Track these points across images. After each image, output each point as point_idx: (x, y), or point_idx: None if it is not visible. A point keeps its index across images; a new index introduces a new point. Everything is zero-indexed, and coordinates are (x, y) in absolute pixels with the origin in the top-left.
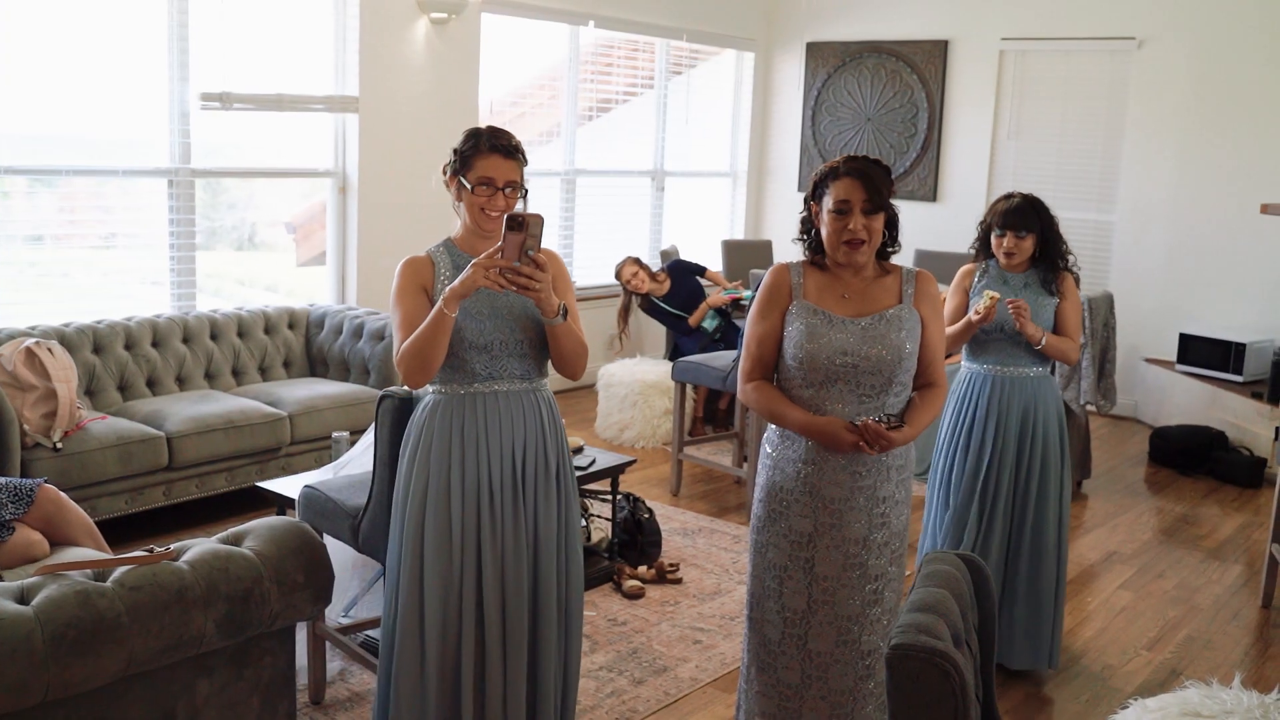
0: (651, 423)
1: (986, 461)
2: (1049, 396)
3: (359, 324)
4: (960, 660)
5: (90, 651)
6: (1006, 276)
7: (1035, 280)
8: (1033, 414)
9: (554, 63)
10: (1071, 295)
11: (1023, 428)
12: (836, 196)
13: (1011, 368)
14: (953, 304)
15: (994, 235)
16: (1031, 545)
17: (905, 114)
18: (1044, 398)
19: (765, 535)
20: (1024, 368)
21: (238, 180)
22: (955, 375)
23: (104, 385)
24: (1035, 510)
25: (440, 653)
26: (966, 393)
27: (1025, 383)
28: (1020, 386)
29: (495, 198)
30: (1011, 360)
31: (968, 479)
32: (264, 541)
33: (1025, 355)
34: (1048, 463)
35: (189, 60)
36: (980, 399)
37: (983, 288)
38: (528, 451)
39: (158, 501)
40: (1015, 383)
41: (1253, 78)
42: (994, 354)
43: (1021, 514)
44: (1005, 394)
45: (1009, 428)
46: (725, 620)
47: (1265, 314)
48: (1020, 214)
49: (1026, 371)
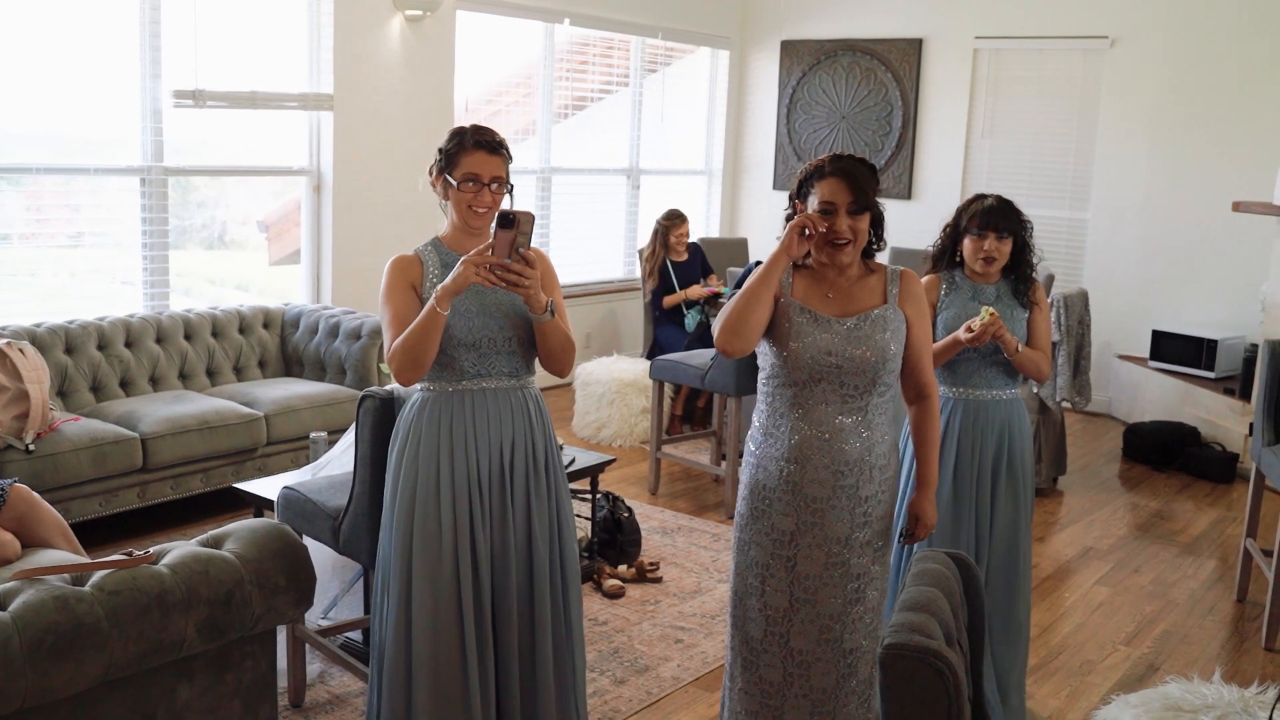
0: (629, 421)
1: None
2: (1022, 420)
3: (335, 323)
4: (954, 659)
5: (69, 657)
6: (976, 288)
7: (1007, 290)
8: (1007, 440)
9: (529, 60)
10: (1043, 305)
11: (997, 456)
12: (822, 197)
13: (984, 390)
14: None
15: (970, 238)
16: (1006, 585)
17: (880, 112)
18: (1018, 421)
19: (747, 533)
20: (997, 389)
21: (207, 179)
22: None
23: (76, 386)
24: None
25: (430, 653)
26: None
27: (998, 406)
28: (993, 410)
29: (481, 194)
30: (984, 382)
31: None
32: (245, 544)
33: (998, 375)
34: (1021, 495)
35: (161, 57)
36: (949, 426)
37: (953, 302)
38: (516, 449)
39: (132, 503)
40: (987, 407)
41: (1224, 76)
42: (963, 375)
43: (992, 552)
44: (977, 419)
45: (982, 457)
46: (706, 619)
47: (1236, 311)
48: (1002, 213)
49: (999, 394)
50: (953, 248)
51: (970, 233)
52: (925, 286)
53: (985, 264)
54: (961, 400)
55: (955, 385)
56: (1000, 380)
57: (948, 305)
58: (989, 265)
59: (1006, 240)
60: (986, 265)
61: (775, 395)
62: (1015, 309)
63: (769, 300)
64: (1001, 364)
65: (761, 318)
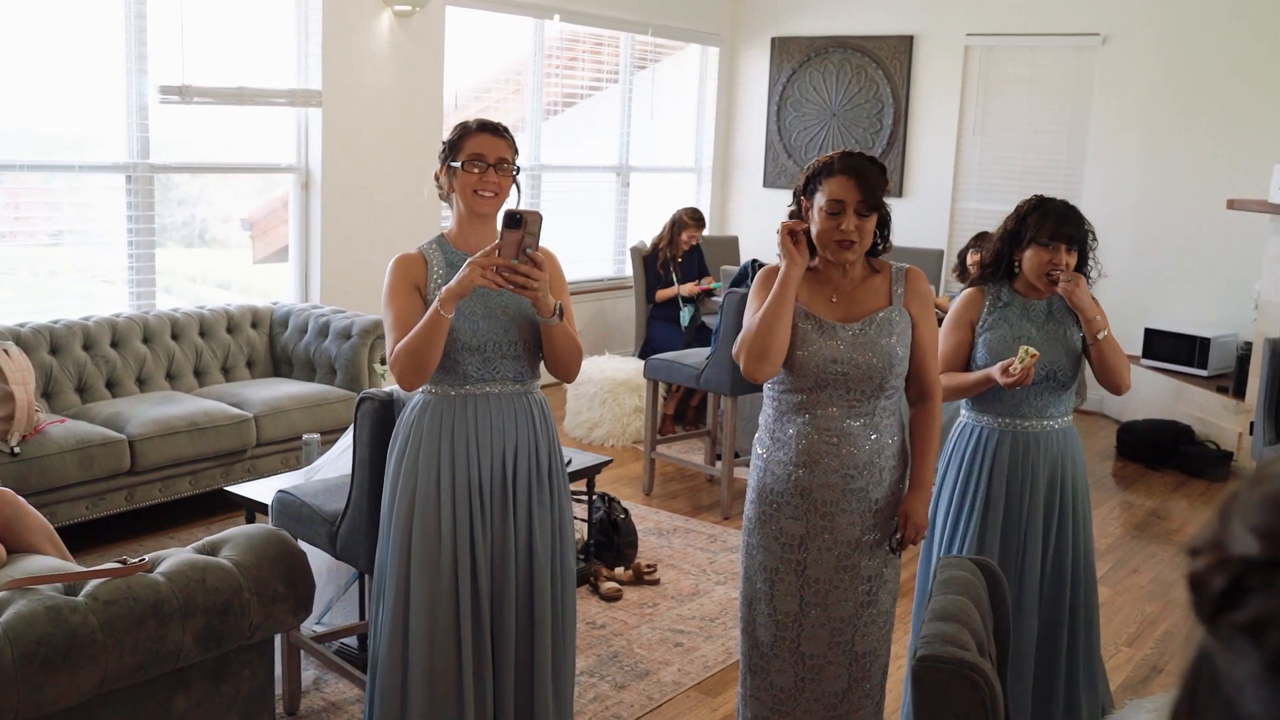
0: (621, 421)
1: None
2: (1077, 453)
3: (325, 322)
4: (990, 671)
5: (63, 669)
6: (1026, 305)
7: (1061, 306)
8: (1060, 477)
9: (518, 57)
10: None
11: (1050, 496)
12: (830, 195)
13: (1034, 420)
14: (952, 341)
15: (1035, 249)
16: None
17: (870, 109)
18: (1073, 453)
19: (756, 537)
20: (1049, 419)
21: (188, 176)
22: (951, 429)
23: (62, 387)
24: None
25: (427, 660)
26: (974, 455)
27: (1050, 438)
28: (1045, 443)
29: (487, 174)
30: (1033, 411)
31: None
32: (242, 551)
33: (1050, 401)
34: (1082, 545)
35: (147, 52)
36: (992, 462)
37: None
38: (519, 455)
39: (120, 506)
40: (1038, 439)
41: (1217, 73)
42: (1009, 403)
43: (1061, 612)
44: (1027, 454)
45: (1034, 498)
46: (706, 622)
47: (1229, 309)
48: (1074, 222)
49: (1051, 424)
50: (1010, 256)
51: (1037, 242)
52: (965, 303)
53: (1050, 283)
54: (1009, 432)
55: (1000, 415)
56: (1052, 407)
57: (994, 325)
58: (1053, 286)
59: (1073, 253)
60: (1051, 284)
61: (781, 399)
62: (1069, 327)
63: (789, 318)
64: (1054, 389)
65: (785, 338)
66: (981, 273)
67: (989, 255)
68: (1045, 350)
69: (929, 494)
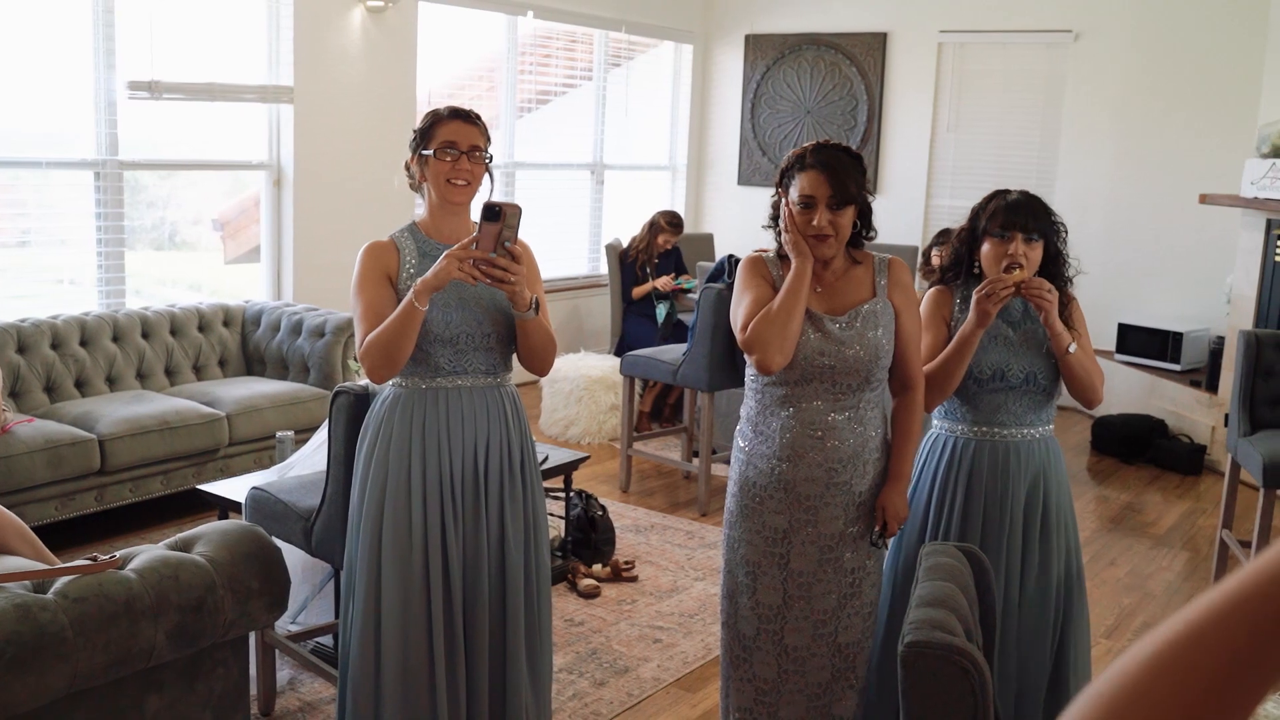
0: (597, 418)
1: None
2: (1059, 464)
3: (298, 320)
4: (978, 657)
5: (32, 669)
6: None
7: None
8: (1043, 490)
9: (492, 53)
10: (1083, 328)
11: (1030, 510)
12: (801, 190)
13: (1012, 428)
14: (928, 338)
15: (990, 240)
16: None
17: (845, 106)
18: (1054, 465)
19: (738, 530)
20: (1028, 427)
21: (157, 178)
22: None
23: (29, 386)
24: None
25: (399, 657)
26: (949, 467)
27: (1030, 447)
28: (1024, 453)
29: (460, 161)
30: (1012, 418)
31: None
32: (215, 547)
33: (1029, 409)
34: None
35: (115, 47)
36: (969, 474)
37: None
38: (490, 449)
39: (90, 507)
40: (1017, 449)
41: (1188, 70)
42: (986, 410)
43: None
44: (1006, 465)
45: (1012, 511)
46: (685, 618)
47: (1201, 303)
48: (1030, 211)
49: (1031, 432)
50: (969, 255)
51: (991, 234)
52: (935, 300)
53: (1008, 273)
54: (986, 441)
55: (976, 423)
56: (1032, 414)
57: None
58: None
59: (1036, 245)
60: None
61: (765, 392)
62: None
63: (803, 311)
64: (1035, 394)
65: (799, 328)
66: (942, 276)
67: (948, 258)
68: (1022, 353)
69: (907, 485)
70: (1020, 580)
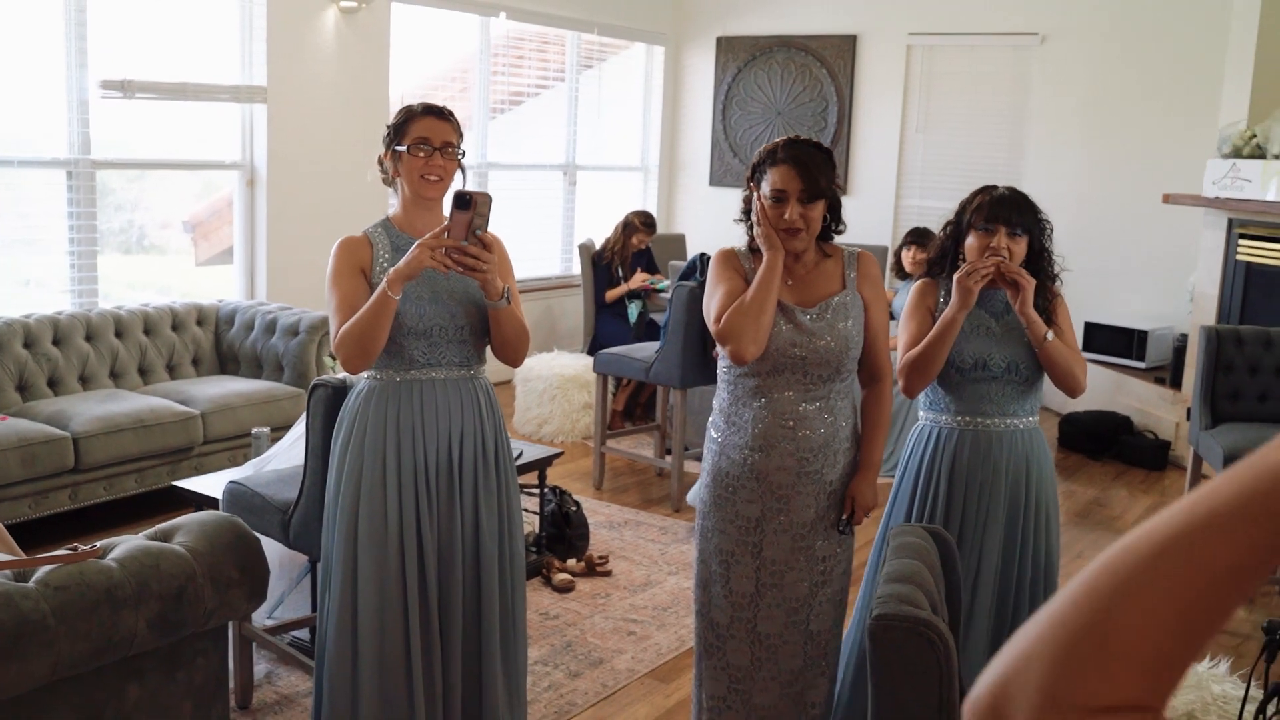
0: (570, 417)
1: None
2: (1043, 455)
3: (272, 319)
4: (944, 629)
5: (13, 657)
6: (983, 297)
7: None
8: (1026, 481)
9: (465, 54)
10: (1066, 324)
11: (1013, 502)
12: (773, 184)
13: (996, 418)
14: (913, 327)
15: (975, 234)
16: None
17: (815, 108)
18: (1038, 456)
19: (710, 520)
20: (1012, 417)
21: (126, 181)
22: (908, 434)
23: (2, 385)
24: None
25: (376, 648)
26: (933, 457)
27: (1014, 438)
28: (1008, 443)
29: (433, 158)
30: (995, 408)
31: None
32: (196, 537)
33: (1013, 398)
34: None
35: (88, 46)
36: (952, 463)
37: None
38: (465, 440)
39: (64, 505)
40: (1000, 439)
41: (1151, 72)
42: (969, 399)
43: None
44: (988, 456)
45: (993, 501)
46: (658, 611)
47: (1165, 302)
48: (1015, 206)
49: (1015, 422)
50: (955, 249)
51: (976, 227)
52: (921, 290)
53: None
54: (970, 431)
55: (960, 413)
56: (1015, 404)
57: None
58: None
59: (1020, 239)
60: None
61: (737, 383)
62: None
63: (775, 302)
64: (1017, 383)
65: (772, 319)
66: (928, 270)
67: (934, 252)
68: (1005, 343)
69: (876, 474)
70: (1001, 568)
